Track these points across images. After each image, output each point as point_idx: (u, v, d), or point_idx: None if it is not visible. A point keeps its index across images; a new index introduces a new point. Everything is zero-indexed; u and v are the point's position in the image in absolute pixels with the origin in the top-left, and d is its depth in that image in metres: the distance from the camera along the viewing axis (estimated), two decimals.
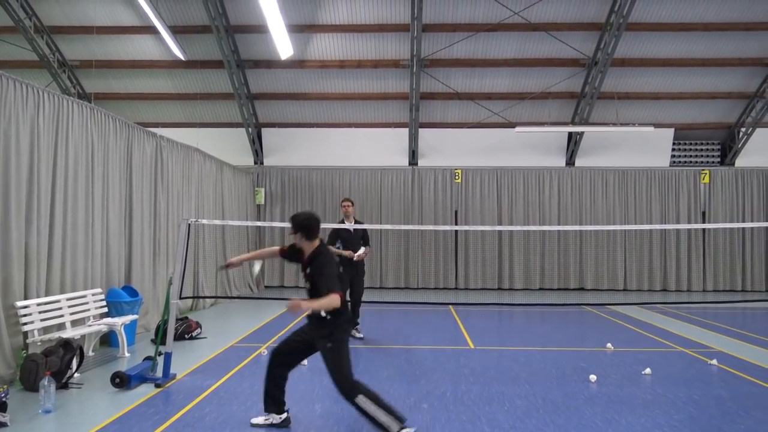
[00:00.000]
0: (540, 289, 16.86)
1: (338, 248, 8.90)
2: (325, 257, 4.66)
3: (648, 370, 7.04)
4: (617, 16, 13.61)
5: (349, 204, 9.14)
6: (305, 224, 4.71)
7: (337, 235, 8.98)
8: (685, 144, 17.30)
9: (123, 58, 15.84)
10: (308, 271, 4.66)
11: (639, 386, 6.49)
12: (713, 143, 17.33)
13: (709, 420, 5.33)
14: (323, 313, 4.53)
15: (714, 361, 7.62)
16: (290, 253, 4.92)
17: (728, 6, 14.15)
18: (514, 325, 11.29)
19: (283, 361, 4.88)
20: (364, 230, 9.24)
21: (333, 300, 4.36)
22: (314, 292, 4.62)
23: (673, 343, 9.03)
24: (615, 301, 14.37)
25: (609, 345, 8.60)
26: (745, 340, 9.39)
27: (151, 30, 14.81)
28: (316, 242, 4.74)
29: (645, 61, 15.40)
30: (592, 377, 6.69)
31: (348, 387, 4.53)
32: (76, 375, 6.45)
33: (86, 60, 15.76)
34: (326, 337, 4.58)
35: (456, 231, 16.95)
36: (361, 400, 4.46)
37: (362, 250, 8.96)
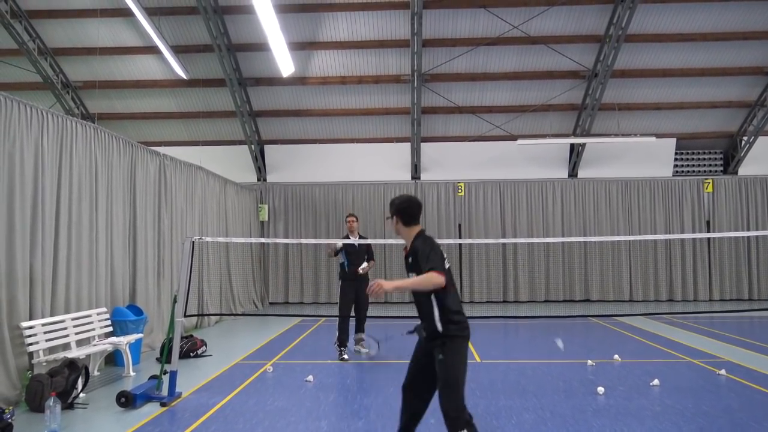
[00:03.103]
0: (545, 301, 16.79)
1: (342, 261, 8.92)
2: (422, 241, 4.01)
3: (656, 382, 6.99)
4: (616, 27, 13.70)
5: (354, 219, 9.20)
6: (402, 207, 4.10)
7: (341, 249, 9.01)
8: (688, 153, 17.30)
9: (126, 78, 15.99)
10: (410, 260, 4.05)
11: (647, 398, 6.43)
12: (715, 152, 17.33)
13: (719, 431, 5.28)
14: (437, 323, 3.90)
15: (722, 371, 7.55)
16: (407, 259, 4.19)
17: (726, 15, 14.24)
18: (520, 338, 11.23)
19: (415, 393, 4.12)
20: (368, 245, 9.26)
21: (430, 278, 3.70)
22: (425, 299, 3.99)
23: (681, 354, 8.97)
24: (621, 312, 14.30)
25: (616, 356, 8.55)
26: (753, 350, 9.32)
27: (153, 50, 14.96)
28: (417, 228, 4.13)
29: (645, 71, 15.46)
30: (600, 389, 6.64)
31: (455, 414, 3.76)
32: (81, 395, 6.43)
33: (89, 81, 15.92)
34: (438, 347, 3.90)
35: (460, 244, 16.93)
36: None
37: (365, 264, 8.97)
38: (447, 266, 3.97)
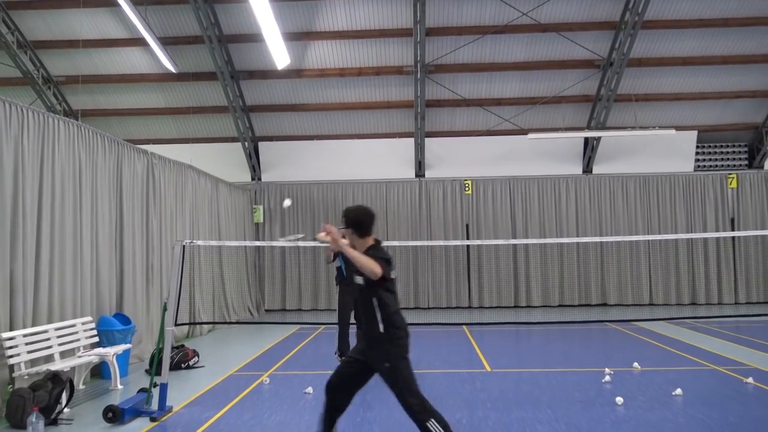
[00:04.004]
0: (560, 305, 16.77)
1: (339, 266, 8.92)
2: (377, 251, 4.46)
3: (679, 391, 6.96)
4: (632, 13, 13.67)
5: None
6: (357, 219, 4.51)
7: (338, 252, 8.97)
8: (710, 147, 17.26)
9: (111, 72, 16.00)
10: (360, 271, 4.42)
11: (669, 408, 6.41)
12: (740, 145, 17.28)
13: None
14: (378, 316, 4.36)
15: (750, 379, 7.52)
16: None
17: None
18: (533, 346, 11.21)
19: (338, 394, 4.57)
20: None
21: (371, 263, 4.20)
22: (366, 293, 4.42)
23: (705, 361, 8.94)
24: (641, 316, 14.27)
25: (636, 364, 8.52)
26: None
27: (140, 42, 14.96)
28: (370, 240, 4.54)
29: (663, 60, 15.43)
30: (619, 400, 6.61)
31: (420, 408, 4.32)
32: (66, 410, 6.43)
33: (72, 75, 15.93)
34: (383, 357, 4.38)
35: (468, 246, 16.91)
36: (433, 424, 4.28)
37: None
38: (393, 276, 4.46)
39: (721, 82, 15.97)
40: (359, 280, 4.47)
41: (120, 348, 8.11)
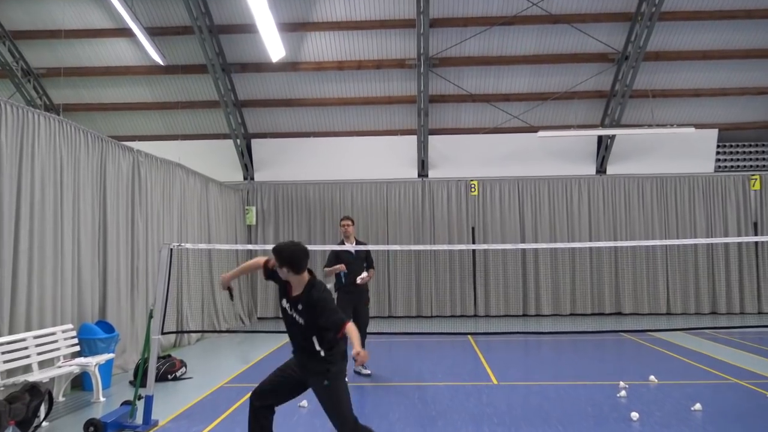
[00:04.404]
0: (571, 314, 16.75)
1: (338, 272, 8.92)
2: (319, 290, 4.69)
3: (698, 406, 6.95)
4: (649, 4, 13.68)
5: (349, 223, 9.16)
6: (291, 259, 4.70)
7: (336, 257, 8.99)
8: (732, 146, 17.25)
9: (95, 64, 16.01)
10: (300, 307, 4.67)
11: (688, 424, 6.39)
12: (763, 144, 17.27)
13: None
14: (317, 347, 4.60)
15: None
16: (274, 274, 4.94)
17: None
18: (543, 357, 11.19)
19: (266, 402, 4.83)
20: (367, 251, 9.25)
21: (351, 330, 4.53)
22: (305, 332, 4.65)
23: (726, 374, 8.91)
24: (657, 327, 14.24)
25: (652, 377, 8.51)
26: None
27: (126, 32, 14.99)
28: (306, 275, 4.74)
29: (682, 54, 15.43)
30: (634, 415, 6.60)
31: (353, 428, 4.58)
32: (44, 424, 6.41)
33: (53, 67, 15.95)
34: (322, 375, 4.60)
35: (473, 250, 16.90)
36: None
37: (365, 274, 8.94)
38: None
39: (744, 77, 15.97)
40: (298, 318, 4.68)
41: (102, 358, 8.09)
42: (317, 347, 4.60)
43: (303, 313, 4.65)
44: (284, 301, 4.80)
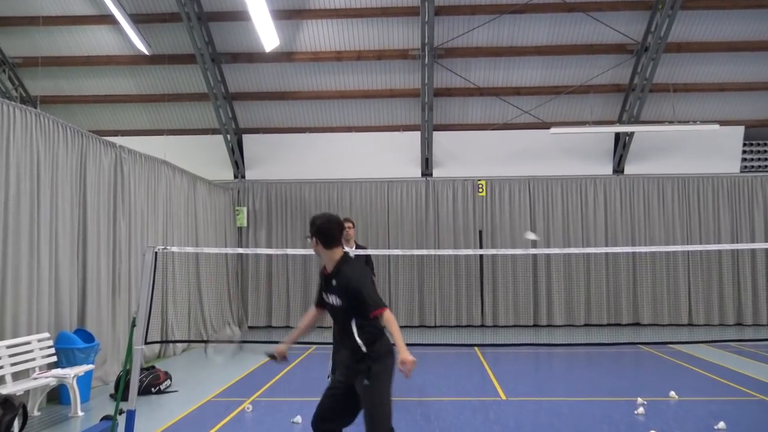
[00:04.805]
0: (585, 325, 16.74)
1: None
2: (354, 267, 4.56)
3: (722, 424, 6.93)
4: None
5: (351, 225, 9.18)
6: (322, 228, 4.60)
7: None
8: (759, 145, 17.23)
9: (75, 53, 16.02)
10: (334, 284, 4.53)
11: None
12: None
13: None
14: (357, 339, 4.42)
15: None
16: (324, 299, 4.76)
17: None
18: (555, 371, 11.17)
19: (328, 428, 4.62)
20: (368, 256, 9.24)
21: (393, 318, 4.40)
22: (344, 314, 4.50)
23: (752, 390, 8.90)
24: (678, 339, 14.22)
25: (673, 393, 8.50)
26: None
27: (108, 19, 14.99)
28: (339, 251, 4.63)
29: (706, 45, 15.43)
30: None
31: None
32: None
33: (30, 57, 15.94)
34: (363, 374, 4.42)
35: (481, 256, 16.88)
36: None
37: None
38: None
39: None
40: (334, 300, 4.56)
41: (81, 369, 8.08)
42: (357, 339, 4.41)
43: (337, 291, 4.51)
44: (323, 291, 4.68)
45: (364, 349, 4.42)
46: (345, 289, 4.45)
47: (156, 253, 6.61)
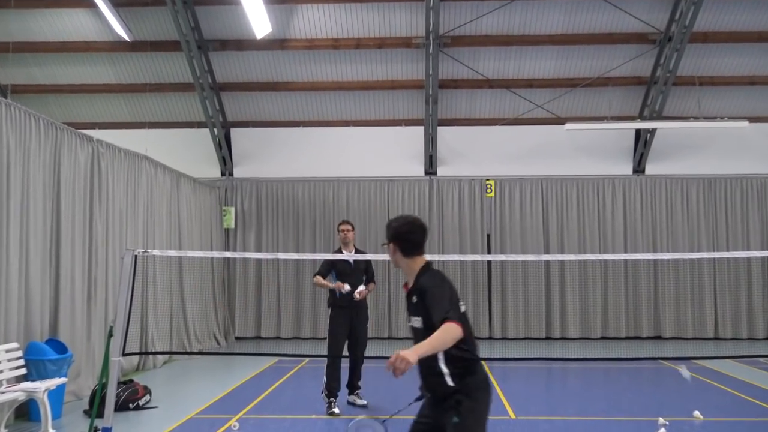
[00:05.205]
0: (602, 338, 16.71)
1: (330, 281, 8.93)
2: (431, 277, 4.22)
3: None
4: None
5: (350, 228, 9.18)
6: (402, 233, 4.37)
7: (331, 266, 8.99)
8: None
9: (49, 39, 15.99)
10: (414, 300, 4.21)
11: None
12: None
13: None
14: (446, 375, 4.06)
15: None
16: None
17: None
18: (569, 387, 11.15)
19: None
20: (368, 262, 9.24)
21: (448, 331, 3.84)
22: (426, 333, 3.99)
23: None
24: (703, 353, 14.20)
25: (697, 413, 8.47)
26: None
27: (86, 2, 14.98)
28: (421, 261, 4.33)
29: (734, 35, 15.43)
30: None
31: None
32: None
33: (1, 42, 15.92)
34: (452, 409, 4.04)
35: (489, 262, 16.86)
36: None
37: (363, 287, 8.93)
38: (462, 309, 4.13)
39: None
40: (416, 323, 4.22)
41: (53, 383, 8.04)
42: (443, 369, 4.05)
43: (417, 309, 4.17)
44: (408, 313, 4.36)
45: (451, 382, 4.06)
46: (422, 303, 4.10)
47: (136, 256, 6.60)
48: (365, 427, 5.22)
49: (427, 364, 4.06)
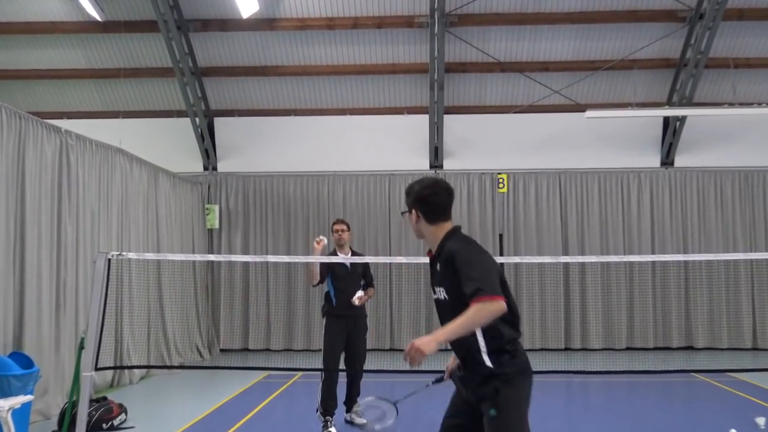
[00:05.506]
0: (628, 349, 16.71)
1: (327, 290, 8.93)
2: (460, 240, 4.12)
3: None
4: None
5: (344, 228, 9.17)
6: (424, 195, 4.21)
7: (327, 269, 8.97)
8: None
9: (12, 19, 15.96)
10: (438, 269, 4.13)
11: None
12: None
13: None
14: (483, 352, 3.96)
15: None
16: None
17: None
18: (591, 404, 11.14)
19: None
20: (366, 265, 9.23)
21: (482, 311, 3.71)
22: (454, 314, 3.89)
23: None
24: (740, 366, 14.16)
25: (733, 431, 8.47)
26: None
27: None
28: (447, 226, 4.23)
29: None
30: None
31: None
32: None
33: None
34: (489, 399, 3.94)
35: (501, 264, 16.76)
36: None
37: (361, 293, 8.91)
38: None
39: None
40: (440, 293, 4.13)
41: (17, 401, 8.01)
42: (481, 347, 3.95)
43: (443, 278, 4.07)
44: (432, 285, 4.24)
45: (489, 363, 3.96)
46: (448, 270, 3.97)
47: (109, 260, 6.58)
48: (375, 408, 5.25)
49: (464, 347, 4.02)
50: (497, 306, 3.73)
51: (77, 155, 10.92)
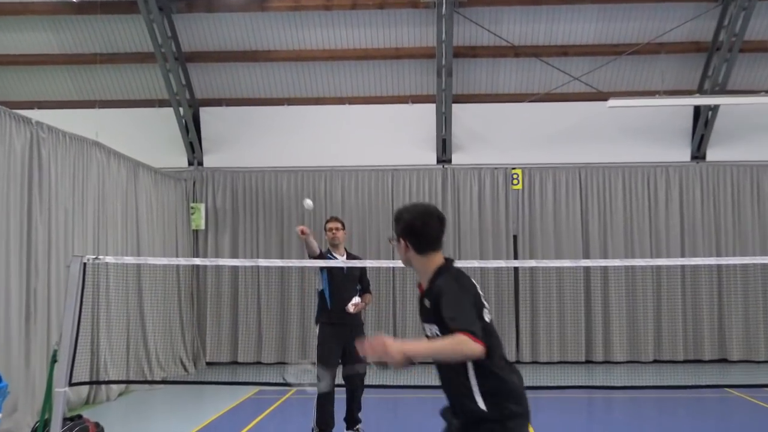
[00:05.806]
0: (655, 361, 16.71)
1: (321, 289, 9.00)
2: (450, 279, 4.15)
3: None
4: None
5: (338, 226, 9.19)
6: (413, 226, 4.28)
7: (322, 270, 9.01)
8: None
9: None
10: (427, 305, 4.16)
11: None
12: None
13: None
14: (475, 392, 4.00)
15: None
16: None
17: None
18: (614, 421, 11.15)
19: None
20: (363, 269, 9.24)
21: (461, 344, 3.72)
22: (454, 366, 4.06)
23: None
24: None
25: None
26: None
27: None
28: (437, 258, 4.28)
29: None
30: None
31: None
32: None
33: None
34: None
35: (515, 269, 16.83)
36: None
37: (358, 299, 8.93)
38: (488, 318, 4.17)
39: None
40: (429, 330, 4.18)
41: None
42: (473, 388, 4.02)
43: (430, 315, 4.11)
44: (421, 320, 4.31)
45: (482, 404, 4.01)
46: (435, 309, 4.02)
47: (84, 264, 6.61)
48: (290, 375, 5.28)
49: (452, 374, 4.08)
50: (475, 347, 3.75)
51: (49, 149, 10.92)
